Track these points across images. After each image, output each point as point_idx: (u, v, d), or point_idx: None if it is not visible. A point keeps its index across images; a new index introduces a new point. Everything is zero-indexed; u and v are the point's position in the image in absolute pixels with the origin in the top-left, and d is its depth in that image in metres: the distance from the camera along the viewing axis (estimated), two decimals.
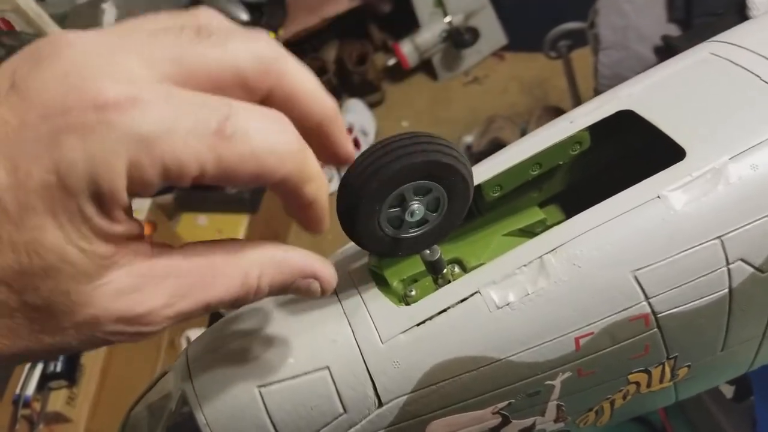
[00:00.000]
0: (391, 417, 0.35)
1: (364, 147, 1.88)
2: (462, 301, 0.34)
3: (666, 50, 1.09)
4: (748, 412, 0.68)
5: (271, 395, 0.34)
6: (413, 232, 0.33)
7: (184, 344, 1.43)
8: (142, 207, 1.34)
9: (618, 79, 1.11)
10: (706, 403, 0.68)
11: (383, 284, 0.38)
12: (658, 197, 0.34)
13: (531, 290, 0.34)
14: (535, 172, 0.40)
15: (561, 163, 0.40)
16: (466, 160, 0.32)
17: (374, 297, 0.35)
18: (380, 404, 0.34)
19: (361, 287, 0.36)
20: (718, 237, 0.33)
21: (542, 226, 0.43)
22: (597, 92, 1.15)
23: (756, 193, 0.33)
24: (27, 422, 1.11)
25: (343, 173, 0.31)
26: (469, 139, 1.46)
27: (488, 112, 1.88)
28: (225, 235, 1.57)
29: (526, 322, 0.34)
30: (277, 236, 1.77)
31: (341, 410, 0.34)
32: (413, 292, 0.41)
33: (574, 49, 1.36)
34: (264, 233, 1.67)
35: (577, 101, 1.28)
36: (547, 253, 0.34)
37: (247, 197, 1.55)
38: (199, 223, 1.59)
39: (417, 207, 0.32)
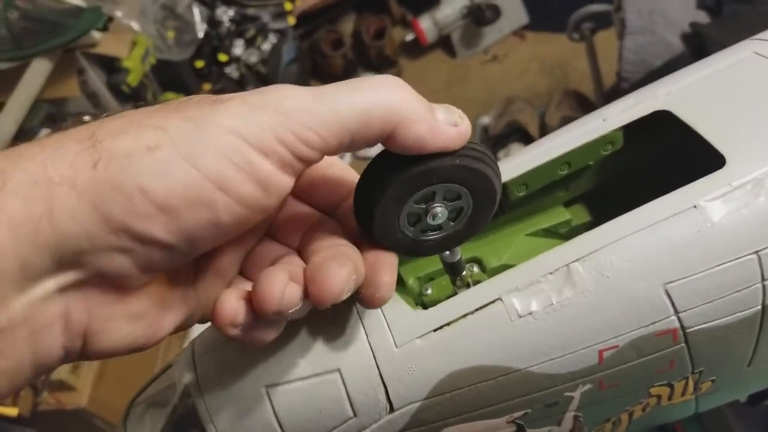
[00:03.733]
0: (402, 423, 0.33)
1: None
2: (482, 307, 0.33)
3: (694, 37, 1.06)
4: (762, 416, 0.67)
5: (278, 396, 0.33)
6: (432, 235, 0.32)
7: None
8: None
9: (643, 65, 1.08)
10: (719, 407, 0.67)
11: (399, 284, 0.36)
12: (695, 207, 0.32)
13: (556, 300, 0.32)
14: (563, 172, 0.38)
15: (591, 163, 0.38)
16: (500, 173, 0.30)
17: (391, 299, 0.34)
18: (392, 410, 0.33)
19: None
20: (755, 252, 0.32)
21: (567, 227, 0.42)
22: (620, 77, 1.11)
23: None
24: (32, 389, 1.11)
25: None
26: (486, 120, 1.44)
27: (506, 92, 1.84)
28: None
29: (548, 332, 0.32)
30: None
31: (351, 414, 0.33)
32: (429, 291, 0.39)
33: (597, 31, 1.32)
34: None
35: (599, 85, 1.25)
36: (574, 261, 0.32)
37: None
38: None
39: (440, 211, 0.30)
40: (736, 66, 0.38)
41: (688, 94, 0.37)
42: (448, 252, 0.34)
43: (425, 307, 0.39)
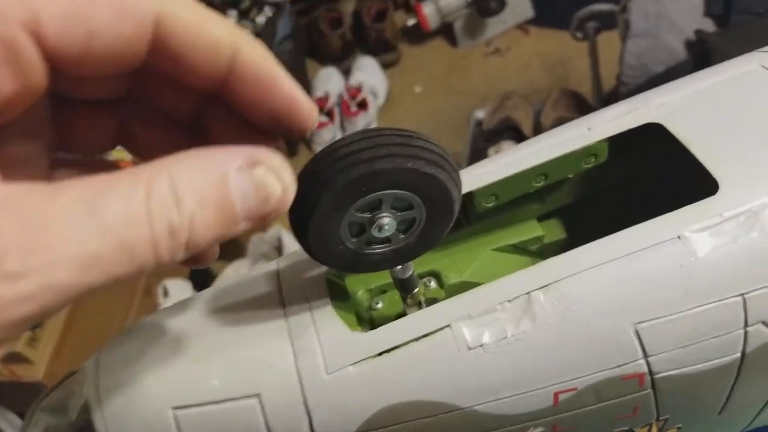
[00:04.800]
0: None
1: (372, 109, 1.80)
2: (428, 335, 0.28)
3: (698, 45, 1.01)
4: None
5: (186, 419, 0.29)
6: (378, 248, 0.28)
7: (161, 293, 1.39)
8: None
9: (643, 70, 1.03)
10: None
11: (342, 297, 0.32)
12: (679, 238, 0.28)
13: (511, 332, 0.28)
14: (539, 184, 0.34)
15: (570, 176, 0.34)
16: (460, 181, 0.26)
17: (327, 317, 0.29)
18: None
19: (313, 302, 0.30)
20: (741, 294, 0.28)
21: (539, 244, 0.38)
22: (620, 81, 1.07)
23: None
24: None
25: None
26: (480, 114, 1.39)
27: (505, 86, 1.79)
28: None
29: (499, 369, 0.28)
30: None
31: None
32: (379, 305, 0.35)
33: (601, 31, 1.27)
34: None
35: (598, 88, 1.21)
36: (536, 289, 0.28)
37: None
38: None
39: (388, 222, 0.26)
40: (740, 79, 0.34)
41: (685, 107, 0.33)
42: (399, 267, 0.30)
43: (373, 323, 0.35)
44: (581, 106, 1.22)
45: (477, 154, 1.26)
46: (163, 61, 0.20)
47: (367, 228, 0.26)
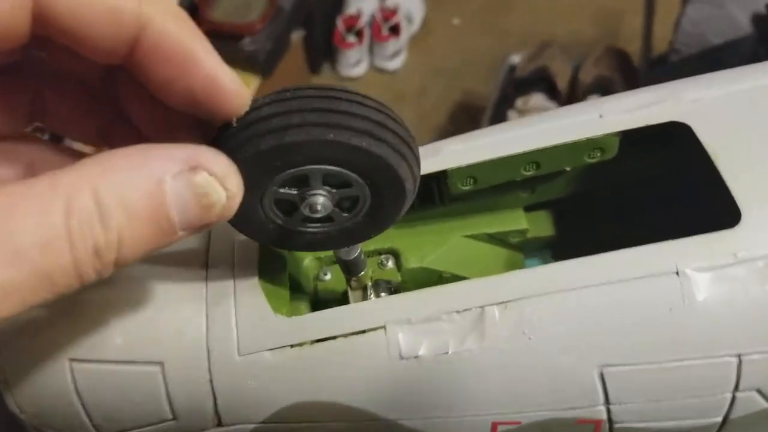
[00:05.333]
0: None
1: (404, 36, 1.70)
2: (359, 333, 0.24)
3: (765, 22, 0.91)
4: None
5: (83, 373, 0.25)
6: (315, 228, 0.23)
7: None
8: None
9: (700, 39, 0.94)
10: None
11: (278, 265, 0.28)
12: (677, 273, 0.23)
13: (453, 348, 0.24)
14: (528, 173, 0.29)
15: (567, 169, 0.29)
16: (415, 154, 0.21)
17: (250, 291, 0.25)
18: (220, 424, 0.26)
19: (239, 270, 0.26)
20: (737, 355, 0.23)
21: (521, 237, 0.33)
22: (672, 49, 0.98)
23: None
24: None
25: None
26: (515, 59, 1.29)
27: (550, 32, 1.68)
28: None
29: (432, 386, 0.24)
30: None
31: (170, 416, 0.26)
32: (328, 276, 0.31)
33: None
34: None
35: (647, 50, 1.11)
36: (493, 304, 0.24)
37: (262, 59, 1.42)
38: None
39: (323, 201, 0.21)
40: None
41: (722, 110, 0.27)
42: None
43: (317, 295, 0.31)
44: (625, 68, 1.13)
45: (504, 103, 1.18)
46: (53, 33, 0.17)
47: (298, 205, 0.21)
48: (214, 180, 0.17)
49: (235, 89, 0.18)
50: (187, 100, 0.18)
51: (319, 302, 0.30)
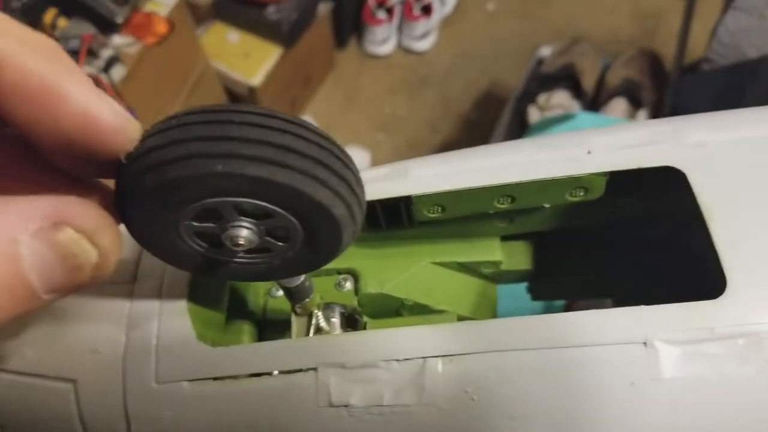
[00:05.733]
0: None
1: (435, 17, 1.65)
2: (289, 372, 0.22)
3: None
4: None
5: None
6: (250, 258, 0.21)
7: None
8: (167, 1, 1.19)
9: (735, 50, 0.89)
10: None
11: (214, 290, 0.25)
12: (644, 344, 0.20)
13: (388, 401, 0.21)
14: (503, 206, 0.26)
15: (547, 206, 0.26)
16: (344, 176, 0.18)
17: (176, 315, 0.23)
18: None
19: (168, 290, 0.24)
20: None
21: (494, 269, 0.30)
22: (705, 57, 0.93)
23: None
24: None
25: None
26: (545, 51, 1.24)
27: (585, 26, 1.62)
28: (251, 60, 1.42)
29: None
30: (309, 80, 1.62)
31: None
32: (280, 293, 0.29)
33: None
34: (294, 73, 1.52)
35: (681, 55, 1.05)
36: (436, 356, 0.21)
37: (286, 29, 1.39)
38: (229, 39, 1.44)
39: (246, 235, 0.19)
40: None
41: (726, 159, 0.24)
42: None
43: (265, 314, 0.28)
44: (656, 72, 1.08)
45: (527, 98, 1.14)
46: None
47: (222, 238, 0.19)
48: (81, 238, 0.15)
49: (115, 124, 0.16)
50: (60, 141, 0.16)
51: (267, 322, 0.28)
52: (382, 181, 0.26)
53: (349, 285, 0.29)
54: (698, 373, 0.20)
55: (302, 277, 0.24)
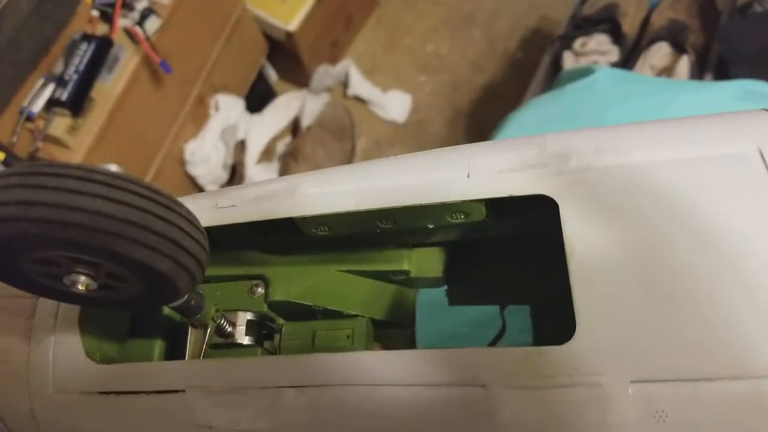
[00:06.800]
0: None
1: None
2: (161, 392, 0.24)
3: None
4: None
5: None
6: (101, 293, 0.22)
7: (213, 105, 1.38)
8: None
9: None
10: None
11: None
12: (484, 387, 0.21)
13: (246, 426, 0.23)
14: (386, 226, 0.26)
15: (431, 226, 0.26)
16: (161, 232, 0.19)
17: (69, 331, 0.25)
18: None
19: (65, 307, 0.26)
20: None
21: (403, 277, 0.30)
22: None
23: None
24: (30, 135, 1.13)
25: None
26: None
27: None
28: (288, 4, 1.41)
29: None
30: (350, 21, 1.59)
31: (5, 429, 0.27)
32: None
33: None
34: (334, 15, 1.49)
35: None
36: (291, 386, 0.22)
37: None
38: None
39: (83, 280, 0.20)
40: (711, 167, 0.22)
41: (603, 190, 0.22)
42: None
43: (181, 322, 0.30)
44: (705, 14, 0.99)
45: (564, 42, 1.08)
46: None
47: (64, 281, 0.20)
48: None
49: None
50: None
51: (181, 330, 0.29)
52: (271, 200, 0.26)
53: (260, 291, 0.30)
54: (534, 418, 0.20)
55: (185, 297, 0.25)
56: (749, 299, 0.19)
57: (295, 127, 1.48)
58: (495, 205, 0.24)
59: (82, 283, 0.20)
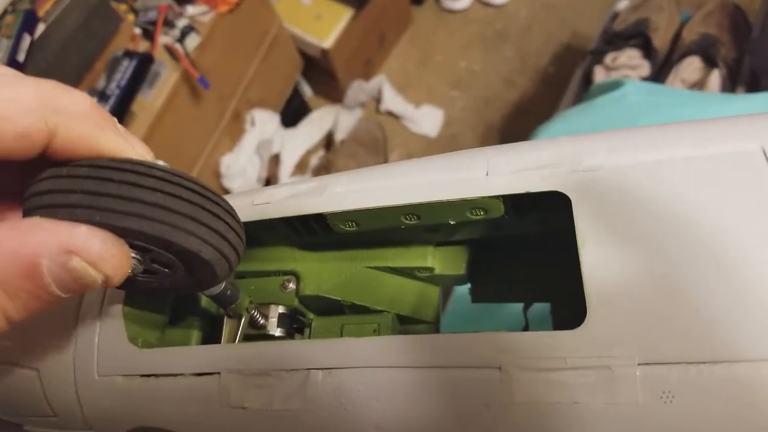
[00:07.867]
0: None
1: None
2: (198, 374, 0.25)
3: None
4: None
5: None
6: (143, 277, 0.24)
7: (249, 120, 1.42)
8: None
9: None
10: None
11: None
12: (500, 369, 0.22)
13: (277, 405, 0.24)
14: (410, 222, 0.27)
15: (452, 222, 0.27)
16: (214, 227, 0.21)
17: (113, 318, 0.27)
18: (91, 428, 0.29)
19: (109, 294, 0.28)
20: None
21: (428, 273, 0.31)
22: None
23: None
24: None
25: None
26: (621, 6, 1.17)
27: None
28: (323, 22, 1.45)
29: None
30: (383, 39, 1.62)
31: (51, 413, 0.29)
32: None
33: None
34: (367, 33, 1.53)
35: (766, 9, 0.95)
36: (318, 369, 0.24)
37: None
38: (301, 1, 1.46)
39: (132, 263, 0.22)
40: (720, 164, 0.23)
41: (615, 186, 0.24)
42: None
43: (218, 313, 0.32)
44: (737, 28, 0.99)
45: (596, 56, 1.09)
46: None
47: None
48: (87, 266, 0.18)
49: (137, 154, 0.21)
50: None
51: (217, 322, 0.31)
52: (302, 198, 0.28)
53: (292, 286, 0.31)
54: (550, 400, 0.21)
55: (221, 287, 0.27)
56: (752, 290, 0.20)
57: (328, 142, 1.51)
58: (512, 202, 0.25)
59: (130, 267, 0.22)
